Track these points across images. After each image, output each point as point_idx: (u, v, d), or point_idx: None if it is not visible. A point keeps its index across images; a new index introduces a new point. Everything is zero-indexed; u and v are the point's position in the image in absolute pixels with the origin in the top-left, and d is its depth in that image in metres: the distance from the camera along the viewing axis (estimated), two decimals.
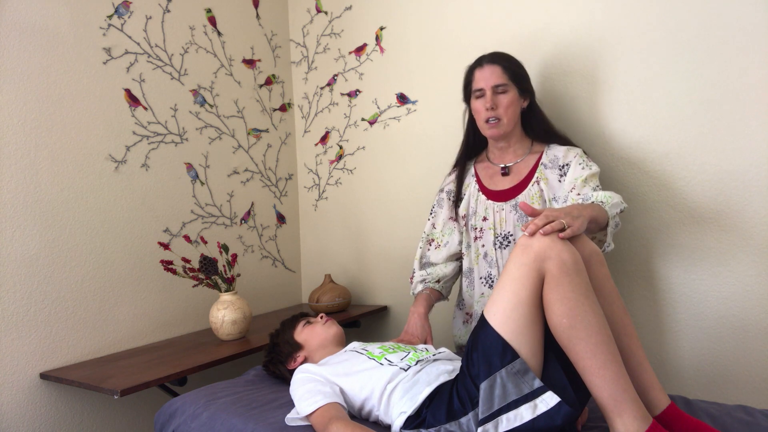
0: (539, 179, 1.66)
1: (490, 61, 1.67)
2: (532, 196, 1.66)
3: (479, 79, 1.67)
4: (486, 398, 1.12)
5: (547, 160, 1.68)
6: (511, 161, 1.74)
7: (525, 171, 1.70)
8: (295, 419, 1.31)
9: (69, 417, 1.75)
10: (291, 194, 2.60)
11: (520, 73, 1.67)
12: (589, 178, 1.59)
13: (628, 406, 1.07)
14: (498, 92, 1.64)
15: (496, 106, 1.63)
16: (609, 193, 1.49)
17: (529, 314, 1.14)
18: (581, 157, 1.64)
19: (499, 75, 1.64)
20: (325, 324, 1.61)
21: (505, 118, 1.64)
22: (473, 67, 1.71)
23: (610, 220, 1.44)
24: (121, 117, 1.92)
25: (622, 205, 1.50)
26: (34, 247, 1.69)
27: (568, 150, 1.66)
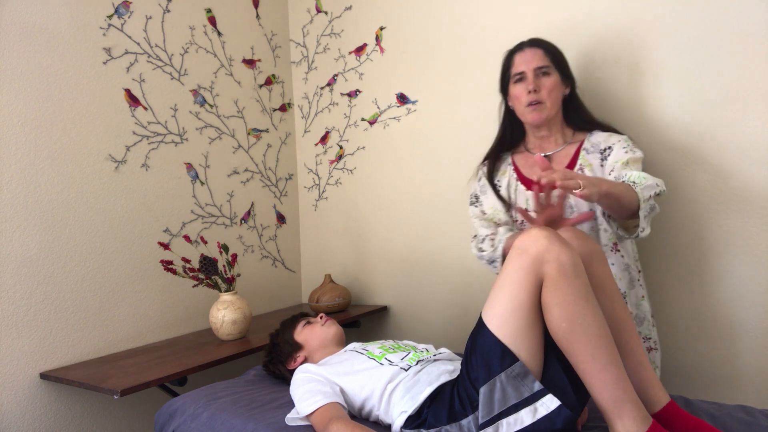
0: (583, 166, 1.58)
1: (531, 44, 1.59)
2: None
3: (519, 62, 1.58)
4: (486, 402, 1.12)
5: (589, 145, 1.59)
6: (551, 150, 1.64)
7: (566, 159, 1.61)
8: (295, 419, 1.31)
9: (69, 417, 1.75)
10: (291, 194, 2.60)
11: (562, 59, 1.60)
12: (632, 162, 1.49)
13: (628, 408, 1.07)
14: (540, 74, 1.55)
15: (538, 88, 1.54)
16: (644, 174, 1.40)
17: (527, 317, 1.13)
18: (626, 141, 1.54)
19: (542, 57, 1.56)
20: (324, 324, 1.61)
21: (548, 101, 1.55)
22: (512, 52, 1.62)
23: (643, 202, 1.35)
24: (121, 117, 1.92)
25: (658, 188, 1.40)
26: (34, 247, 1.69)
27: (610, 135, 1.57)
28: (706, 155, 1.66)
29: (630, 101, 1.77)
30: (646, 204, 1.36)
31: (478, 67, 2.06)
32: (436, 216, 2.21)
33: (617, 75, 1.79)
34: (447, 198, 2.17)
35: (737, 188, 1.62)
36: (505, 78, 1.64)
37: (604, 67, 1.81)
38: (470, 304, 2.13)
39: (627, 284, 1.55)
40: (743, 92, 1.60)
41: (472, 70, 2.08)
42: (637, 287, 1.58)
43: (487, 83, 2.04)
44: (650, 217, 1.40)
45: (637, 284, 1.57)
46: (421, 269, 2.26)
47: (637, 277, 1.58)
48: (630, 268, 1.56)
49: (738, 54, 1.60)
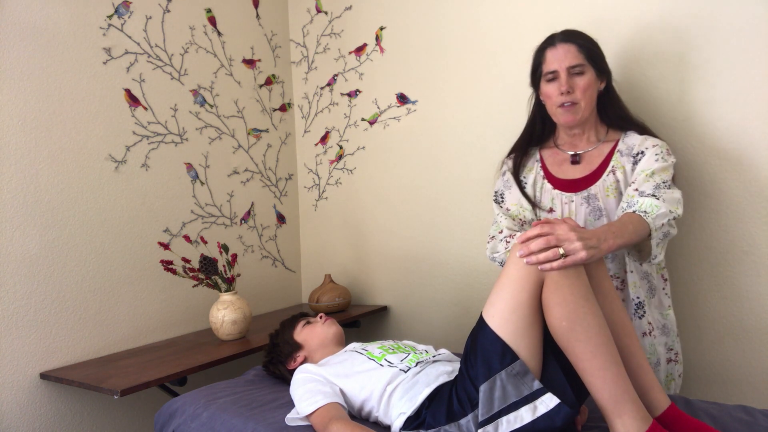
0: (615, 168, 1.50)
1: (564, 39, 1.48)
2: (607, 187, 1.50)
3: (552, 60, 1.48)
4: (486, 400, 1.12)
5: (624, 147, 1.51)
6: (583, 149, 1.57)
7: (598, 159, 1.54)
8: (295, 419, 1.31)
9: (69, 417, 1.75)
10: (291, 194, 2.60)
11: (597, 52, 1.50)
12: (659, 171, 1.42)
13: (628, 407, 1.07)
14: (574, 74, 1.46)
15: (572, 89, 1.46)
16: (656, 202, 1.35)
17: (528, 316, 1.14)
18: (660, 147, 1.47)
19: (575, 54, 1.46)
20: (324, 323, 1.61)
21: (582, 102, 1.47)
22: (544, 47, 1.52)
23: (655, 231, 1.32)
24: (121, 117, 1.92)
25: (672, 215, 1.36)
26: (34, 247, 1.69)
27: (645, 138, 1.50)
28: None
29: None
30: (658, 232, 1.33)
31: (479, 66, 2.06)
32: (436, 216, 2.21)
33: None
34: (447, 198, 2.17)
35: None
36: (536, 74, 1.55)
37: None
38: (470, 303, 2.13)
39: (646, 292, 1.51)
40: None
41: (472, 69, 2.08)
42: (661, 296, 1.53)
43: (487, 83, 2.05)
44: (664, 243, 1.38)
45: (660, 293, 1.53)
46: (421, 269, 2.26)
47: (661, 285, 1.53)
48: (650, 276, 1.51)
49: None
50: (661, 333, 1.52)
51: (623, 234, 1.26)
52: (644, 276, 1.51)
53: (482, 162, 2.07)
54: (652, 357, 1.51)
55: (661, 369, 1.52)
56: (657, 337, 1.51)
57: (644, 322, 1.50)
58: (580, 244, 1.14)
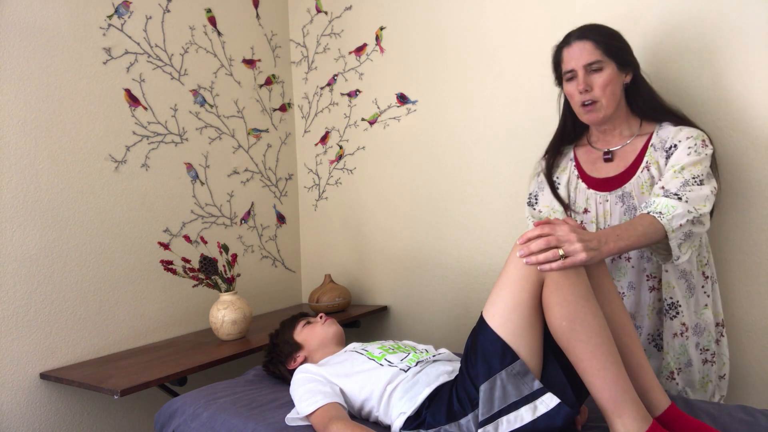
0: (649, 164, 1.45)
1: (579, 36, 1.45)
2: (642, 185, 1.45)
3: (568, 59, 1.46)
4: (486, 400, 1.12)
5: (657, 141, 1.46)
6: (617, 145, 1.52)
7: (632, 155, 1.49)
8: (295, 419, 1.31)
9: (69, 417, 1.75)
10: (291, 194, 2.60)
11: (617, 45, 1.44)
12: (689, 166, 1.36)
13: (628, 407, 1.07)
14: (591, 71, 1.42)
15: (590, 87, 1.43)
16: (673, 203, 1.29)
17: (528, 316, 1.14)
18: (694, 139, 1.39)
19: (591, 51, 1.42)
20: (324, 323, 1.61)
21: (603, 99, 1.43)
22: (561, 47, 1.50)
23: (672, 232, 1.27)
24: (121, 117, 1.92)
25: (691, 215, 1.29)
26: (34, 247, 1.69)
27: (679, 130, 1.43)
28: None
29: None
30: (677, 233, 1.28)
31: (479, 66, 2.06)
32: (436, 216, 2.21)
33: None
34: (447, 198, 2.17)
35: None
36: (557, 73, 1.53)
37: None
38: (470, 304, 2.13)
39: (684, 291, 1.45)
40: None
41: (472, 69, 2.08)
42: (699, 295, 1.48)
43: (487, 83, 2.05)
44: (690, 243, 1.32)
45: (699, 292, 1.48)
46: (421, 269, 2.26)
47: (700, 283, 1.48)
48: (689, 275, 1.45)
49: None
50: (694, 333, 1.46)
51: (629, 237, 1.23)
52: (682, 275, 1.45)
53: (482, 162, 2.07)
54: (682, 357, 1.46)
55: (694, 369, 1.47)
56: (689, 337, 1.46)
57: (676, 323, 1.45)
58: (580, 246, 1.13)
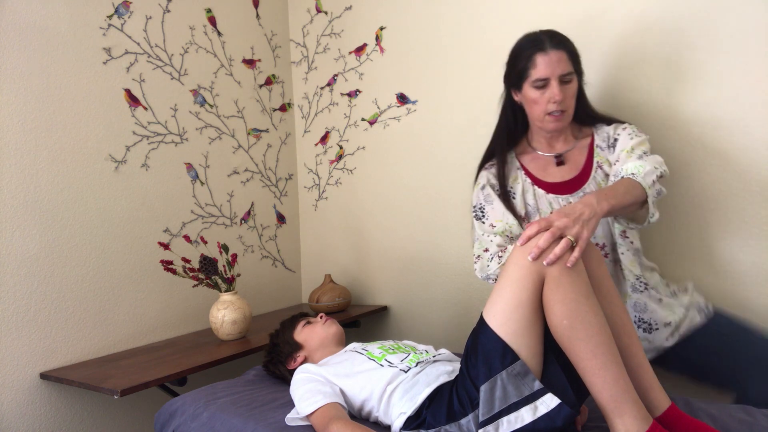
0: (600, 163, 1.52)
1: (555, 45, 1.43)
2: (599, 183, 1.51)
3: (543, 66, 1.42)
4: (486, 400, 1.12)
5: (600, 141, 1.53)
6: (560, 150, 1.56)
7: (581, 158, 1.54)
8: (295, 419, 1.31)
9: (69, 417, 1.75)
10: (291, 194, 2.60)
11: (578, 56, 1.48)
12: (637, 146, 1.44)
13: (628, 407, 1.07)
14: (564, 82, 1.43)
15: (564, 98, 1.43)
16: (640, 163, 1.36)
17: (529, 316, 1.14)
18: (631, 128, 1.50)
19: (566, 62, 1.43)
20: (324, 323, 1.61)
21: (570, 109, 1.47)
22: (532, 52, 1.44)
23: (649, 189, 1.32)
24: (121, 117, 1.92)
25: (658, 170, 1.36)
26: (34, 247, 1.69)
27: (615, 126, 1.53)
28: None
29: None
30: (652, 190, 1.34)
31: (479, 66, 2.06)
32: (436, 216, 2.21)
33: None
34: (447, 198, 2.17)
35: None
36: (521, 75, 1.47)
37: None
38: (470, 303, 2.13)
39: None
40: None
41: (472, 69, 2.08)
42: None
43: (487, 83, 2.05)
44: (657, 201, 1.39)
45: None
46: (421, 269, 2.26)
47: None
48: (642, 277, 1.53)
49: None
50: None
51: (615, 195, 1.27)
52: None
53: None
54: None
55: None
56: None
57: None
58: (578, 227, 1.16)
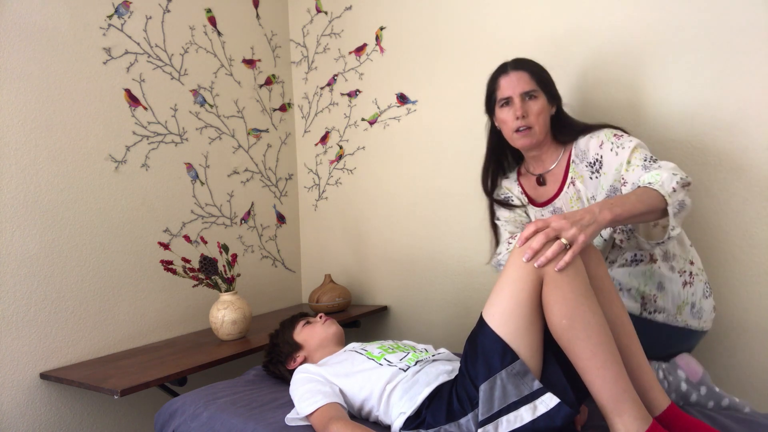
0: (574, 179, 1.54)
1: (515, 66, 1.54)
2: (570, 199, 1.56)
3: (505, 86, 1.54)
4: (486, 399, 1.12)
5: (575, 154, 1.54)
6: (548, 168, 1.62)
7: (560, 176, 1.59)
8: (295, 419, 1.31)
9: (69, 417, 1.75)
10: (291, 194, 2.60)
11: (548, 78, 1.56)
12: (632, 155, 1.39)
13: (628, 407, 1.07)
14: (527, 99, 1.52)
15: (526, 113, 1.51)
16: (655, 172, 1.29)
17: (528, 315, 1.14)
18: (608, 141, 1.45)
19: (527, 81, 1.51)
20: (324, 323, 1.61)
21: (536, 126, 1.52)
22: (496, 75, 1.58)
23: (668, 197, 1.24)
24: (121, 117, 1.92)
25: (677, 176, 1.27)
26: (34, 247, 1.69)
27: (590, 138, 1.50)
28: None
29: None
30: (672, 198, 1.25)
31: (479, 66, 2.06)
32: (436, 216, 2.21)
33: (620, 76, 1.77)
34: (447, 198, 2.17)
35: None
36: (490, 100, 1.60)
37: (609, 67, 1.79)
38: (470, 303, 2.13)
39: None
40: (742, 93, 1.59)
41: (472, 69, 2.08)
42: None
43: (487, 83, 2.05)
44: (681, 217, 1.28)
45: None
46: (421, 269, 2.26)
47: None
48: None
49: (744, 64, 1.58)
50: (663, 259, 1.49)
51: (623, 204, 1.20)
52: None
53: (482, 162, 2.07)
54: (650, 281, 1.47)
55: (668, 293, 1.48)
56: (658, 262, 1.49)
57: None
58: (575, 230, 1.14)
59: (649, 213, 1.24)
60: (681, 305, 1.45)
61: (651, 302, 1.45)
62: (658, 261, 1.46)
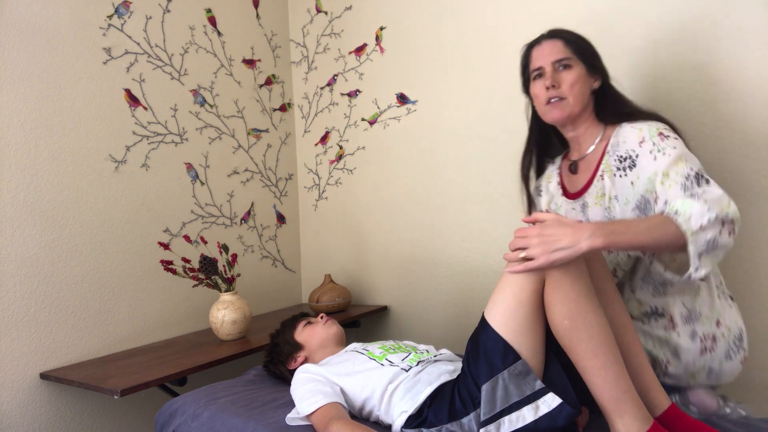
0: (603, 172, 1.37)
1: (550, 36, 1.41)
2: (596, 195, 1.39)
3: (537, 57, 1.41)
4: (488, 399, 1.12)
5: (613, 143, 1.36)
6: (583, 153, 1.44)
7: (593, 163, 1.41)
8: (295, 419, 1.31)
9: (69, 417, 1.75)
10: (291, 194, 2.60)
11: (587, 48, 1.40)
12: (673, 167, 1.19)
13: (629, 407, 1.07)
14: (560, 68, 1.37)
15: (558, 83, 1.36)
16: (690, 201, 1.11)
17: (530, 315, 1.14)
18: (651, 139, 1.26)
19: (560, 49, 1.37)
20: (325, 324, 1.61)
21: (570, 97, 1.36)
22: (529, 48, 1.45)
23: (692, 235, 1.08)
24: (121, 117, 1.92)
25: (711, 213, 1.08)
26: (34, 247, 1.69)
27: (632, 128, 1.31)
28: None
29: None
30: (696, 237, 1.08)
31: (479, 66, 2.06)
32: (436, 216, 2.21)
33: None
34: (447, 198, 2.17)
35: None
36: (525, 76, 1.48)
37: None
38: (470, 304, 2.13)
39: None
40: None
41: (472, 69, 2.08)
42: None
43: (487, 83, 2.05)
44: (713, 257, 1.10)
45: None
46: (421, 269, 2.26)
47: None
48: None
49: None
50: (686, 321, 1.31)
51: (626, 232, 1.09)
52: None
53: (482, 162, 2.07)
54: (667, 346, 1.31)
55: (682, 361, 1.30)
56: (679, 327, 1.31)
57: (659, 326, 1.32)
58: (539, 250, 1.10)
59: (659, 247, 1.13)
60: (695, 372, 1.29)
61: (661, 367, 1.29)
62: (678, 327, 1.29)
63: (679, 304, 1.29)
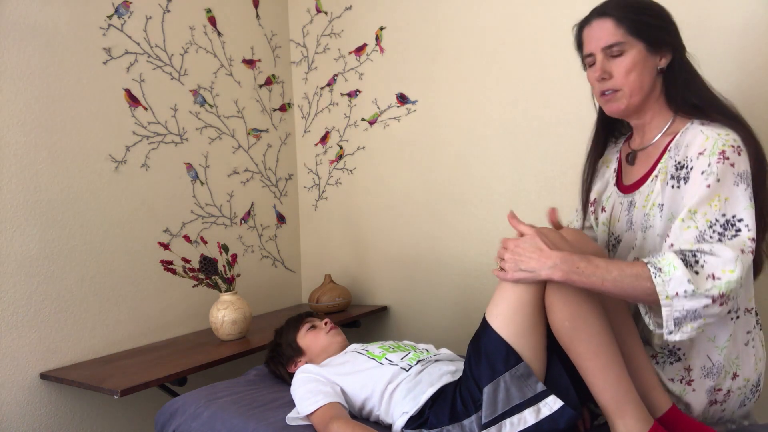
0: (659, 172, 1.21)
1: (600, 13, 1.21)
2: (647, 196, 1.23)
3: (587, 40, 1.23)
4: (490, 402, 1.12)
5: (679, 139, 1.19)
6: (645, 144, 1.28)
7: (654, 156, 1.24)
8: (295, 419, 1.31)
9: (69, 417, 1.75)
10: (291, 194, 2.60)
11: (646, 21, 1.18)
12: (705, 206, 1.05)
13: (629, 408, 1.07)
14: (612, 55, 1.19)
15: (609, 73, 1.20)
16: (678, 264, 0.99)
17: (531, 316, 1.14)
18: (712, 155, 1.08)
19: (610, 31, 1.18)
20: (329, 333, 1.60)
21: (625, 87, 1.19)
22: (581, 27, 1.27)
23: (666, 299, 0.99)
24: (121, 117, 1.91)
25: (692, 285, 0.97)
26: (34, 247, 1.69)
27: (701, 131, 1.14)
28: None
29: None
30: (672, 303, 0.98)
31: (479, 66, 2.06)
32: (436, 216, 2.21)
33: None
34: (447, 198, 2.17)
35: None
36: (582, 58, 1.31)
37: None
38: (471, 304, 2.13)
39: None
40: None
41: (472, 69, 2.08)
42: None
43: (487, 83, 2.05)
44: (698, 325, 1.00)
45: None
46: (421, 269, 2.26)
47: None
48: None
49: None
50: (704, 375, 1.17)
51: (592, 275, 1.03)
52: None
53: (482, 162, 2.07)
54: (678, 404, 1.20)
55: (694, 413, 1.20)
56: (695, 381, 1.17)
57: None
58: (509, 265, 1.13)
59: (628, 299, 1.07)
60: (702, 421, 1.20)
61: None
62: (695, 382, 1.16)
63: (703, 356, 1.15)
